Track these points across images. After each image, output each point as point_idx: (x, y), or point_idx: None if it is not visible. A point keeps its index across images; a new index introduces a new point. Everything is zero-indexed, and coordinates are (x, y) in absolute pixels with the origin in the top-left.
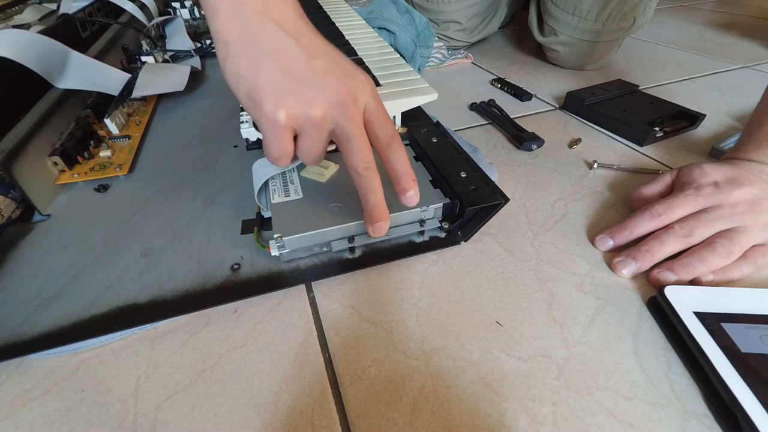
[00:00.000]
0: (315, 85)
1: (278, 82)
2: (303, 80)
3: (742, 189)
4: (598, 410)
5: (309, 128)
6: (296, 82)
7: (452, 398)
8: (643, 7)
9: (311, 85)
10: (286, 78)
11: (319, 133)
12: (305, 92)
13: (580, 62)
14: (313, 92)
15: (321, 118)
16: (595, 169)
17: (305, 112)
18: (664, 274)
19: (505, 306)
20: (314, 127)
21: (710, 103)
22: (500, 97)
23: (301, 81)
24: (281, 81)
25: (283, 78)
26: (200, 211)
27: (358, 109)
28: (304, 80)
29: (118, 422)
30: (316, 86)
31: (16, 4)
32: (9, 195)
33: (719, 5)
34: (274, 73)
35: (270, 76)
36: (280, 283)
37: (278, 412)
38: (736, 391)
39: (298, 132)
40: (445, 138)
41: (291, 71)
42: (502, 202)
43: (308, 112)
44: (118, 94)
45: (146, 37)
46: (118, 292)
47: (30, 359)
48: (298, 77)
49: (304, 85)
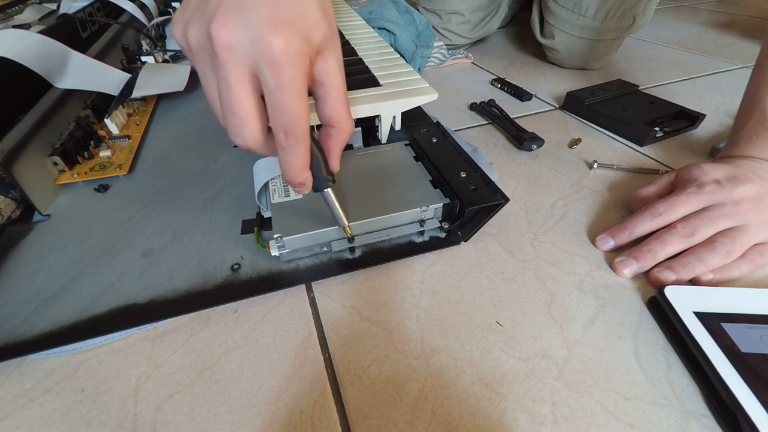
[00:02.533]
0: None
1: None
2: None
3: (744, 186)
4: (598, 410)
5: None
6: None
7: (452, 398)
8: (643, 7)
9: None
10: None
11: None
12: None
13: (580, 62)
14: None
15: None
16: (595, 169)
17: (253, 36)
18: (664, 273)
19: (505, 306)
20: (272, 64)
21: (710, 103)
22: (500, 97)
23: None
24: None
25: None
26: (200, 211)
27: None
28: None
29: (118, 422)
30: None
31: (16, 4)
32: (9, 195)
33: (719, 5)
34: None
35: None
36: (280, 283)
37: (278, 412)
38: (736, 391)
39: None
40: (445, 138)
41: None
42: (502, 202)
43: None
44: (118, 94)
45: (146, 37)
46: (118, 292)
47: (30, 359)
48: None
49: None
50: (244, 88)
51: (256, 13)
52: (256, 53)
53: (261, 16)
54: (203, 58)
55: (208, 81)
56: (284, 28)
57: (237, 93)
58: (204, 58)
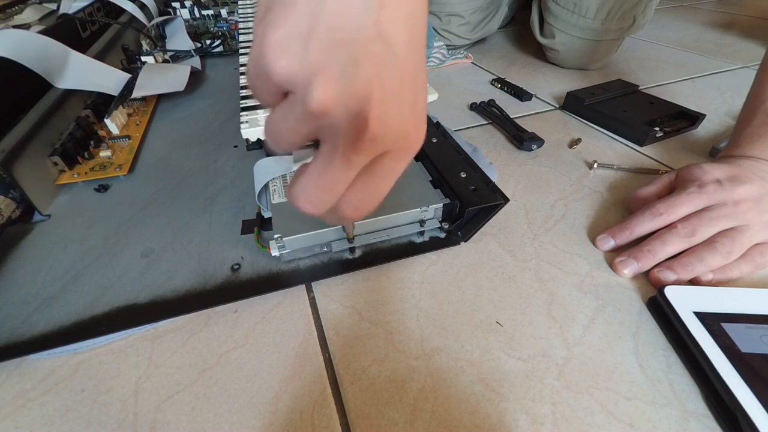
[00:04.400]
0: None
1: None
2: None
3: (744, 186)
4: (598, 410)
5: (296, 101)
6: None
7: (452, 398)
8: (643, 7)
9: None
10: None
11: (312, 122)
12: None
13: (580, 62)
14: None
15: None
16: (595, 169)
17: (344, 89)
18: (664, 273)
19: (505, 306)
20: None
21: (710, 103)
22: (500, 97)
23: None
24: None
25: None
26: (200, 211)
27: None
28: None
29: (118, 422)
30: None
31: (16, 4)
32: (9, 195)
33: (719, 5)
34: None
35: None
36: (280, 283)
37: (278, 412)
38: (736, 391)
39: (289, 93)
40: (445, 138)
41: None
42: (502, 202)
43: (349, 90)
44: (118, 94)
45: (146, 37)
46: (118, 292)
47: (30, 359)
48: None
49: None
50: (356, 171)
51: (408, 103)
52: (396, 143)
53: (411, 108)
54: (314, 123)
55: (300, 136)
56: (421, 123)
57: (348, 176)
58: (317, 124)
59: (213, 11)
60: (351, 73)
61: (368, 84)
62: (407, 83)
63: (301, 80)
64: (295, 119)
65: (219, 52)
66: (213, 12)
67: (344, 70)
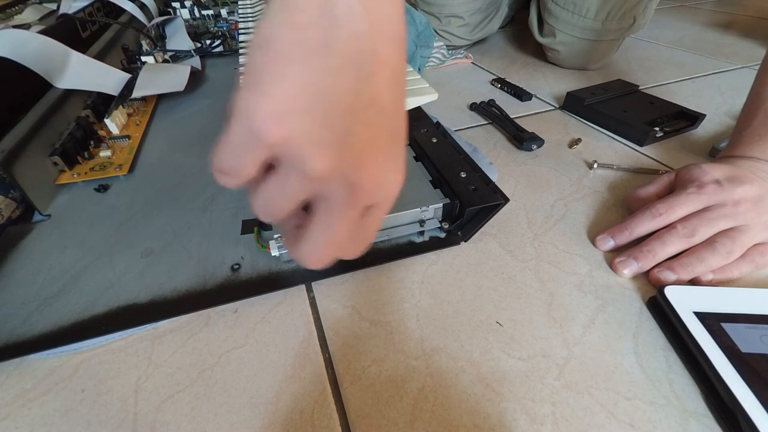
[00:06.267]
0: (351, 134)
1: (311, 93)
2: (343, 118)
3: (744, 187)
4: (598, 410)
5: (291, 172)
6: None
7: (452, 398)
8: (643, 7)
9: (347, 132)
10: (321, 98)
11: (301, 188)
12: (332, 132)
13: (580, 62)
14: (339, 139)
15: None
16: (595, 169)
17: (310, 152)
18: (664, 274)
19: (505, 306)
20: (303, 179)
21: (710, 103)
22: (500, 97)
23: (340, 116)
24: (314, 95)
25: (318, 93)
26: (200, 211)
27: (366, 202)
28: (344, 119)
29: (118, 422)
30: (351, 137)
31: (16, 4)
32: (9, 195)
33: (719, 5)
34: (316, 77)
35: (310, 74)
36: (280, 283)
37: (278, 412)
38: (736, 391)
39: (275, 165)
40: (445, 138)
41: (342, 99)
42: (502, 202)
43: (311, 154)
44: (118, 94)
45: (146, 37)
46: (118, 292)
47: (30, 359)
48: (342, 109)
49: (338, 126)
50: (354, 224)
51: (397, 162)
52: (385, 194)
53: (399, 166)
54: (309, 190)
55: (293, 201)
56: (404, 164)
57: (347, 230)
58: (311, 190)
59: (213, 11)
60: (347, 141)
61: (363, 149)
62: (395, 138)
63: (298, 151)
64: (292, 189)
65: (219, 52)
66: (213, 12)
67: (341, 139)
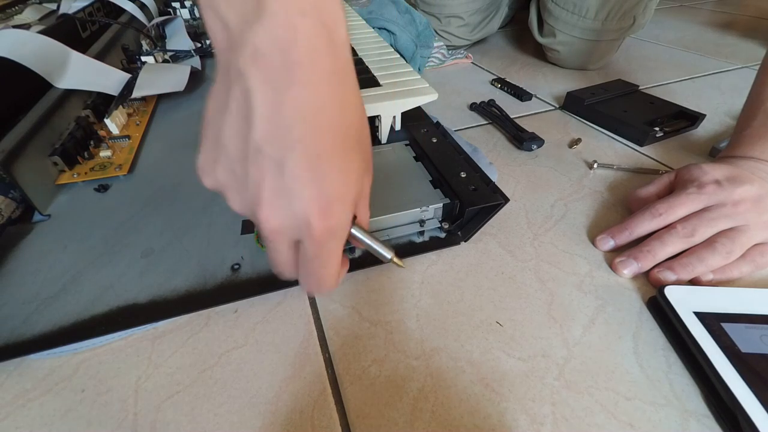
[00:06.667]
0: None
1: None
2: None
3: (743, 187)
4: (598, 410)
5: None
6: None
7: (452, 398)
8: (643, 7)
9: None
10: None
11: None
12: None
13: (580, 62)
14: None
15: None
16: (595, 169)
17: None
18: (664, 274)
19: (505, 306)
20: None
21: (710, 103)
22: (500, 97)
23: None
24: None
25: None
26: (200, 211)
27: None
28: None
29: (118, 422)
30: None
31: (16, 4)
32: (9, 195)
33: (719, 5)
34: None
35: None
36: (280, 283)
37: (278, 412)
38: (736, 391)
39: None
40: (445, 138)
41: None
42: (502, 202)
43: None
44: (118, 94)
45: (146, 37)
46: (118, 292)
47: (30, 359)
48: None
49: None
50: (290, 252)
51: (301, 197)
52: (300, 233)
53: (306, 201)
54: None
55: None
56: (329, 209)
57: (281, 254)
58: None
59: None
60: (244, 183)
61: (257, 189)
62: (300, 178)
63: (223, 194)
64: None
65: None
66: None
67: (240, 181)
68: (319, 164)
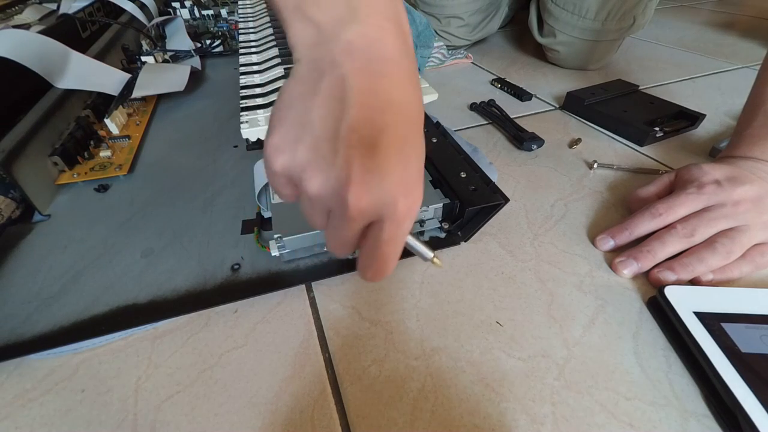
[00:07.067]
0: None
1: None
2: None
3: (743, 187)
4: (598, 410)
5: (300, 193)
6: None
7: (452, 398)
8: (643, 7)
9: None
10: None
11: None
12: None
13: (580, 62)
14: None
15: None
16: (595, 169)
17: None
18: (664, 274)
19: (505, 306)
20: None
21: (710, 103)
22: (500, 97)
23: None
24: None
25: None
26: (200, 211)
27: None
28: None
29: (118, 422)
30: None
31: (16, 4)
32: (9, 195)
33: (719, 5)
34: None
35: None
36: (280, 283)
37: (278, 412)
38: (736, 391)
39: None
40: (445, 138)
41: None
42: (502, 202)
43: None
44: (118, 94)
45: (146, 37)
46: (118, 292)
47: (30, 359)
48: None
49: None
50: (359, 232)
51: (392, 177)
52: (384, 212)
53: (396, 180)
54: (319, 206)
55: (316, 216)
56: (412, 190)
57: (353, 235)
58: (321, 206)
59: (213, 11)
60: (331, 162)
61: (347, 168)
62: (391, 158)
63: (295, 173)
64: (306, 206)
65: (219, 52)
66: (213, 12)
67: (327, 160)
68: (404, 147)
